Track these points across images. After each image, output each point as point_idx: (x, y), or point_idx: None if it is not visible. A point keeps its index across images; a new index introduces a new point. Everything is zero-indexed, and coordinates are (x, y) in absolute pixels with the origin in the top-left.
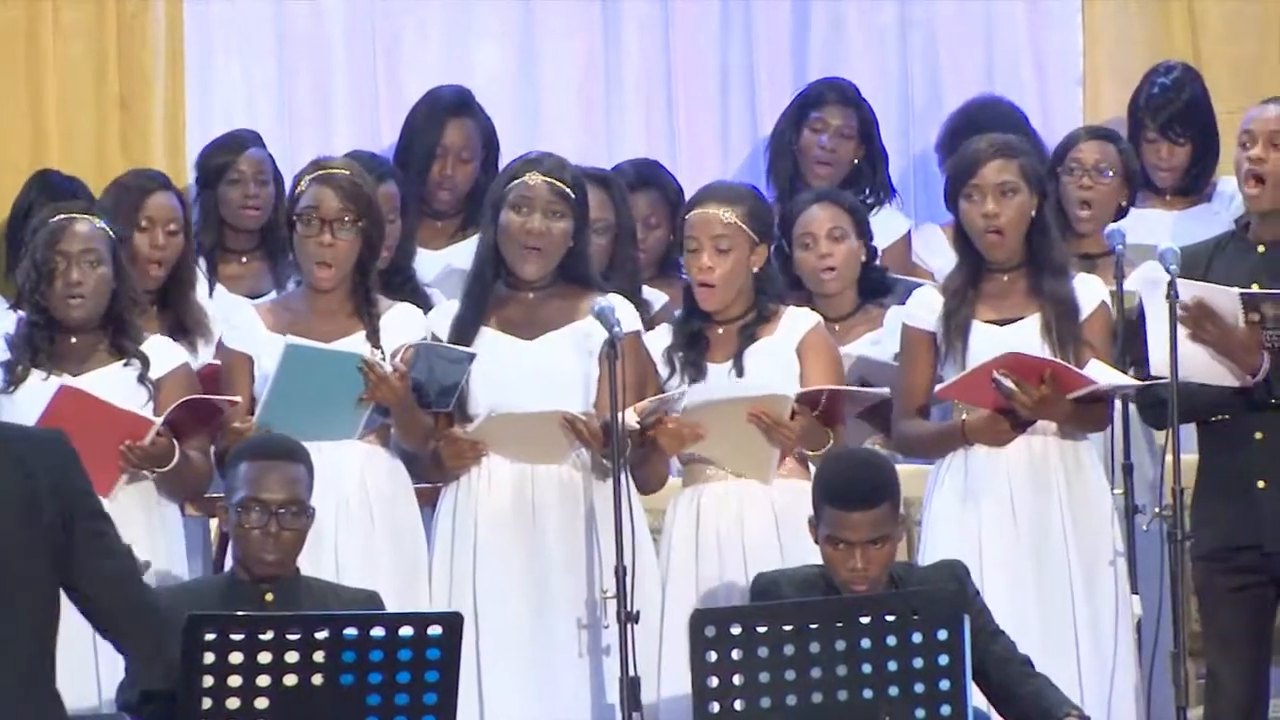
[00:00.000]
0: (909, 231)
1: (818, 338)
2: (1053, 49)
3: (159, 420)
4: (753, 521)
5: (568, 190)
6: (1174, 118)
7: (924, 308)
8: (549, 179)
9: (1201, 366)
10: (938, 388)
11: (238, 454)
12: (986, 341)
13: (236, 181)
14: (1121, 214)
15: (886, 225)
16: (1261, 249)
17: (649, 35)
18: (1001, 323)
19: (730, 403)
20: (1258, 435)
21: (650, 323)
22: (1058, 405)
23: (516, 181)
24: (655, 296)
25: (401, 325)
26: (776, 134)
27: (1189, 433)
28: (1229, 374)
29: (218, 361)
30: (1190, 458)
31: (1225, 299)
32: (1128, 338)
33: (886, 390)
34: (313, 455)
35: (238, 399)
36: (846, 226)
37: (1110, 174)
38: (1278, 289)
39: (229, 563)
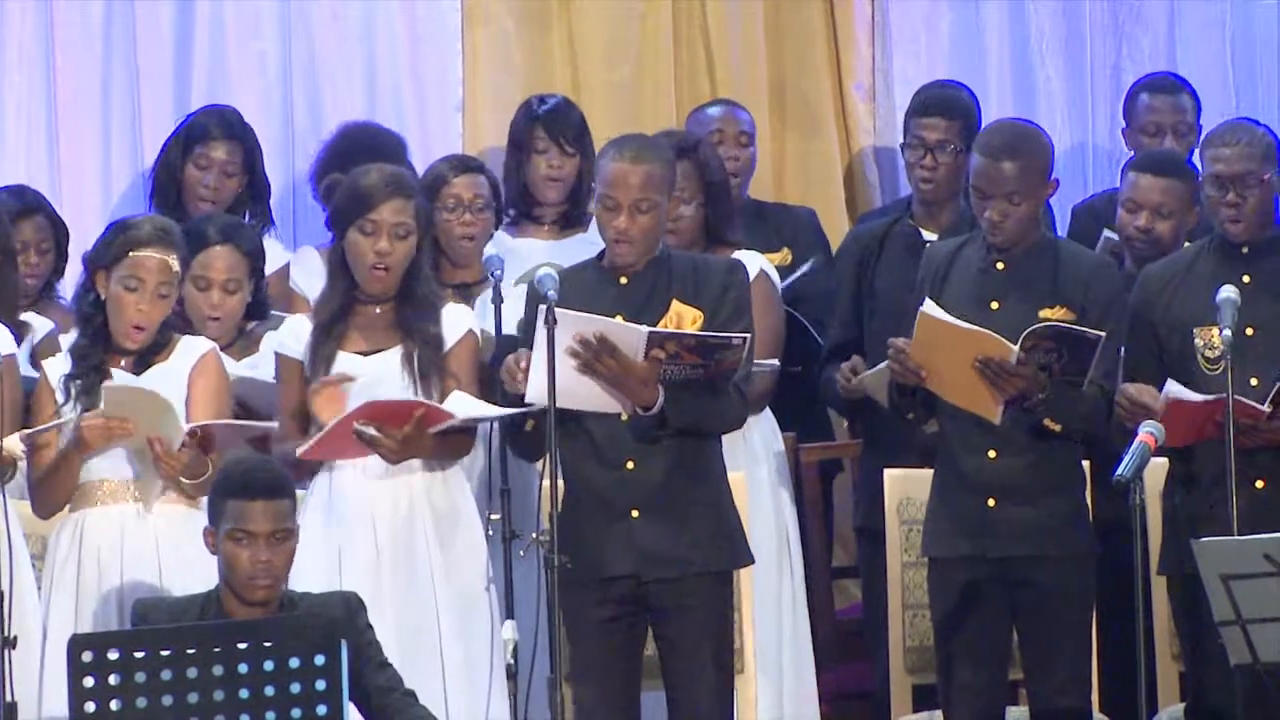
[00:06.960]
0: (288, 263)
1: (206, 365)
2: (432, 75)
3: None
4: (133, 545)
5: None
6: None
7: (293, 336)
8: None
9: (584, 396)
10: (299, 450)
11: None
12: (350, 371)
13: None
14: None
15: (268, 256)
16: (624, 280)
17: (30, 61)
18: (367, 354)
19: (143, 399)
20: (629, 465)
21: (40, 351)
22: (421, 443)
23: None
24: (40, 323)
25: None
26: (159, 167)
27: None
28: (615, 404)
29: None
30: None
31: (631, 335)
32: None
33: (274, 425)
34: None
35: None
36: (243, 277)
37: (485, 209)
38: (643, 322)
39: None
